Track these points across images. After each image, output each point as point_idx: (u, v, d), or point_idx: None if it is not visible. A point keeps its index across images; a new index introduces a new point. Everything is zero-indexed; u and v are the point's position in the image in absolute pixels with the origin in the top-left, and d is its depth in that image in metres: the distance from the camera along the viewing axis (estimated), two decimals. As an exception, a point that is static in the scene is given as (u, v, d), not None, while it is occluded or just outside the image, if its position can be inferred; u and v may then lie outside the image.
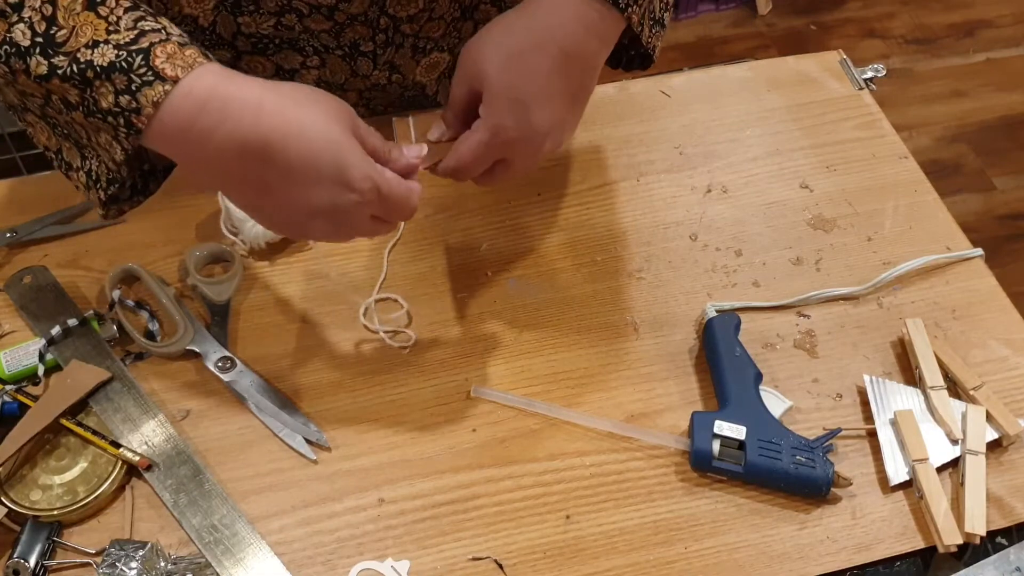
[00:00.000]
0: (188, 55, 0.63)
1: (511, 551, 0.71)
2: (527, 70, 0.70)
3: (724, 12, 2.68)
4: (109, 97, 0.62)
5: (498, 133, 0.71)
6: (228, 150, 0.62)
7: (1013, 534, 0.73)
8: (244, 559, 0.70)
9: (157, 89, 0.61)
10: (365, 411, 0.78)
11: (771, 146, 0.98)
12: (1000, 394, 0.78)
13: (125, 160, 0.65)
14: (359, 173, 0.63)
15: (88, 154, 0.69)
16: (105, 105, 0.62)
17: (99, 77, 0.62)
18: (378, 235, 0.71)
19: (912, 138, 2.34)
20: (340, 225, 0.66)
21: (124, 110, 0.62)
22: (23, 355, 0.79)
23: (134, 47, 0.62)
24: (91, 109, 0.63)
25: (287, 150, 0.62)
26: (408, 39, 0.89)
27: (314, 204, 0.64)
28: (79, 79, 0.62)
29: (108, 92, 0.62)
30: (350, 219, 0.66)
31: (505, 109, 0.70)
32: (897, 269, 0.86)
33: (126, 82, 0.61)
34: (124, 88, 0.61)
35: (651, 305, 0.85)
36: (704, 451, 0.74)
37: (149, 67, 0.61)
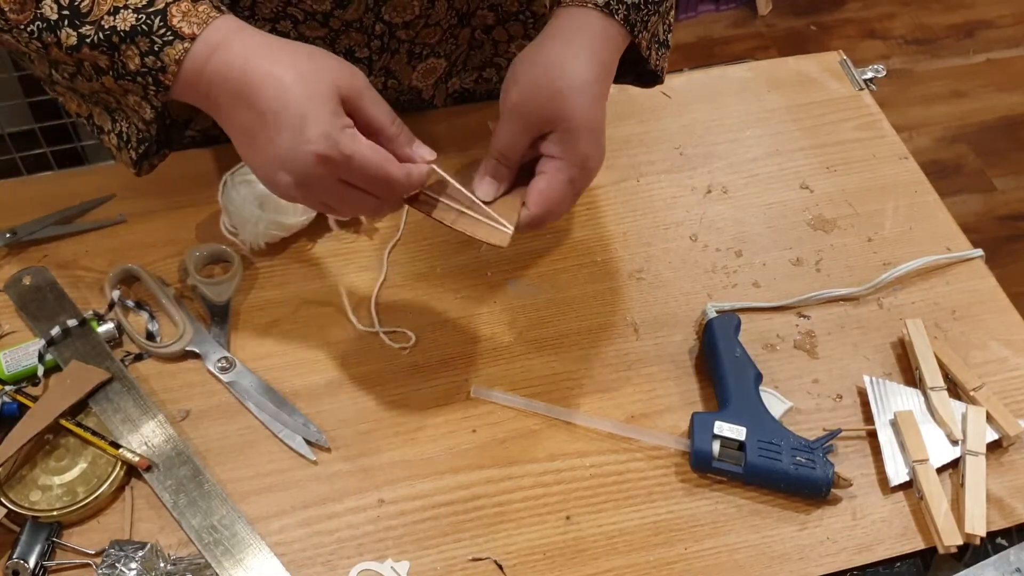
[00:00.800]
0: (201, 11, 0.66)
1: (511, 552, 0.71)
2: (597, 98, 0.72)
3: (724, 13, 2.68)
4: (136, 60, 0.66)
5: (586, 167, 0.71)
6: (225, 91, 0.66)
7: (1013, 535, 0.73)
8: (244, 560, 0.70)
9: (177, 48, 0.65)
10: (365, 412, 0.78)
11: (771, 147, 0.98)
12: (1000, 395, 0.78)
13: (154, 118, 0.70)
14: (320, 128, 0.63)
15: (118, 116, 0.73)
16: (133, 67, 0.67)
17: (124, 41, 0.66)
18: (365, 213, 0.70)
19: (912, 139, 2.34)
20: (304, 183, 0.65)
21: (151, 70, 0.66)
22: (23, 356, 0.79)
23: (151, 9, 0.66)
24: (120, 72, 0.67)
25: (263, 93, 0.64)
26: (404, 45, 0.89)
27: (278, 153, 0.64)
28: (107, 45, 0.66)
29: (134, 55, 0.66)
30: (312, 178, 0.65)
31: (588, 142, 0.71)
32: (897, 270, 0.86)
33: (149, 44, 0.66)
34: (148, 50, 0.66)
35: (651, 306, 0.85)
36: (704, 452, 0.74)
37: (167, 27, 0.66)
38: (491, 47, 0.96)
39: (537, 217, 0.71)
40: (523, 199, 0.72)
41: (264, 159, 0.66)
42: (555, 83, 0.70)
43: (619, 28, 0.74)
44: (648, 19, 0.76)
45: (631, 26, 0.74)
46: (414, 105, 0.97)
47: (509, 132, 0.72)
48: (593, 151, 0.72)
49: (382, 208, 0.69)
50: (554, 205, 0.71)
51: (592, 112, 0.71)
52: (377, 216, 0.71)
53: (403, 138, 0.68)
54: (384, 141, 0.67)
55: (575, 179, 0.71)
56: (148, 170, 0.75)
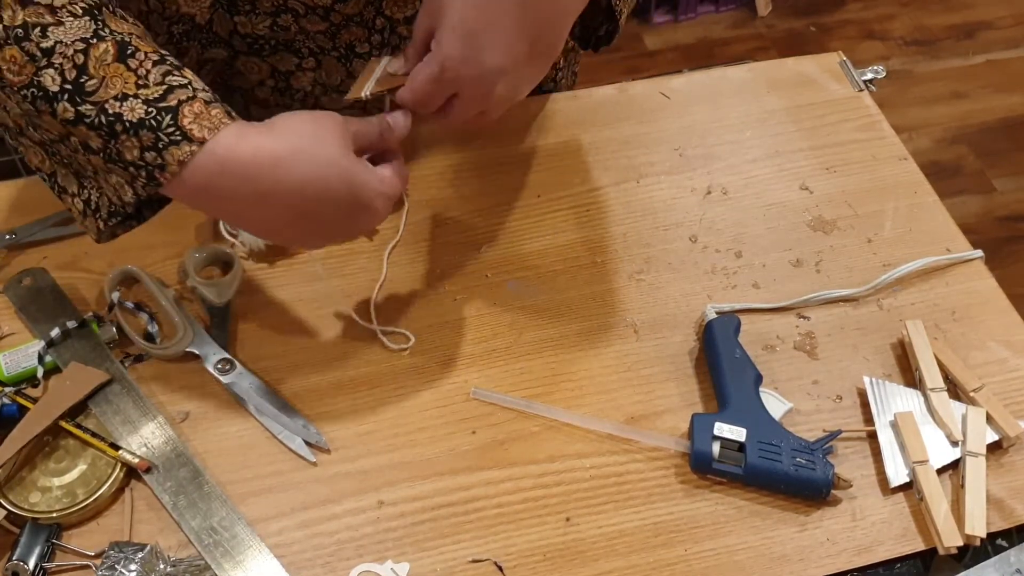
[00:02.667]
0: (215, 115, 0.64)
1: (511, 553, 0.71)
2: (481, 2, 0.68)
3: (724, 13, 2.68)
4: (134, 151, 0.64)
5: (448, 67, 0.69)
6: (251, 203, 0.66)
7: (1013, 536, 0.73)
8: (243, 561, 0.70)
9: (184, 149, 0.63)
10: (365, 413, 0.78)
11: (771, 148, 0.98)
12: (1000, 396, 0.78)
13: (133, 201, 0.67)
14: (373, 194, 0.68)
15: (88, 184, 0.70)
16: (129, 158, 0.64)
17: (127, 132, 0.63)
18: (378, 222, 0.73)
19: (912, 140, 2.34)
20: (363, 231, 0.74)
21: (148, 165, 0.64)
22: (22, 357, 0.79)
23: (162, 104, 0.64)
24: (113, 158, 0.65)
25: (307, 195, 0.65)
26: (404, 40, 0.89)
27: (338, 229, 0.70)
28: (106, 130, 0.64)
29: (134, 147, 0.64)
30: (370, 226, 0.72)
31: (456, 41, 0.68)
32: (897, 271, 0.86)
33: (153, 139, 0.63)
34: (151, 145, 0.63)
35: (651, 307, 0.85)
36: (704, 453, 0.74)
37: (177, 126, 0.63)
38: None
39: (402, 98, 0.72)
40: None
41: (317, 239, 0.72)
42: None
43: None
44: None
45: None
46: None
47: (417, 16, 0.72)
48: (458, 55, 0.68)
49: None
50: (417, 93, 0.71)
51: (468, 13, 0.68)
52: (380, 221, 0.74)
53: (386, 135, 0.72)
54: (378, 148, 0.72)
55: (436, 77, 0.70)
56: (108, 238, 0.73)
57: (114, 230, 0.73)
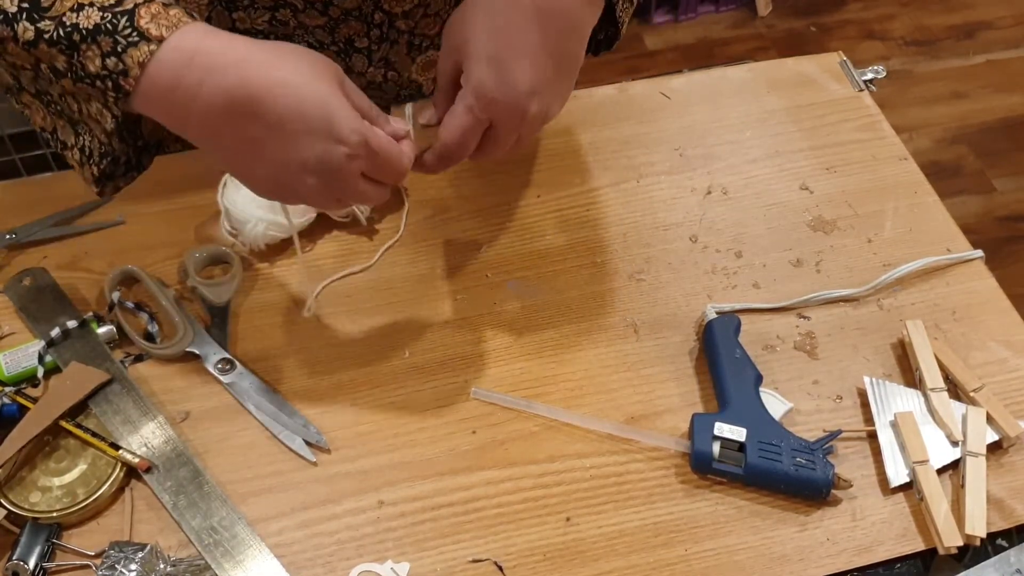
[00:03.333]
0: (172, 15, 0.63)
1: (511, 553, 0.71)
2: (500, 27, 0.68)
3: (724, 13, 2.68)
4: (96, 61, 0.62)
5: (481, 94, 0.68)
6: (215, 105, 0.62)
7: (1013, 536, 0.73)
8: (243, 561, 0.70)
9: (143, 49, 0.61)
10: (365, 413, 0.78)
11: (771, 148, 0.98)
12: (1000, 396, 0.78)
13: (115, 129, 0.66)
14: (348, 125, 0.63)
15: (81, 130, 0.69)
16: (92, 69, 0.63)
17: (85, 40, 0.62)
18: (368, 201, 0.70)
19: (912, 140, 2.34)
20: (331, 183, 0.65)
21: (112, 72, 0.62)
22: (22, 357, 0.79)
23: (118, 8, 0.62)
24: (79, 74, 0.63)
25: (274, 102, 0.62)
26: (403, 35, 0.89)
27: (303, 158, 0.63)
28: (66, 43, 0.62)
29: (95, 56, 0.62)
30: (340, 176, 0.65)
31: (485, 69, 0.68)
32: (897, 271, 0.86)
33: (112, 44, 0.62)
34: (110, 50, 0.62)
35: (651, 307, 0.85)
36: (704, 453, 0.73)
37: (134, 28, 0.62)
38: None
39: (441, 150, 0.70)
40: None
41: (280, 167, 0.65)
42: (463, 11, 0.70)
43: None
44: None
45: None
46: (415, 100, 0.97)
47: (440, 57, 0.72)
48: (490, 82, 0.68)
49: (385, 192, 0.69)
50: (453, 136, 0.69)
51: (490, 40, 0.68)
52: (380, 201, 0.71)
53: (381, 118, 0.68)
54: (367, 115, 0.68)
55: (472, 107, 0.69)
56: (112, 192, 0.72)
57: (116, 183, 0.72)
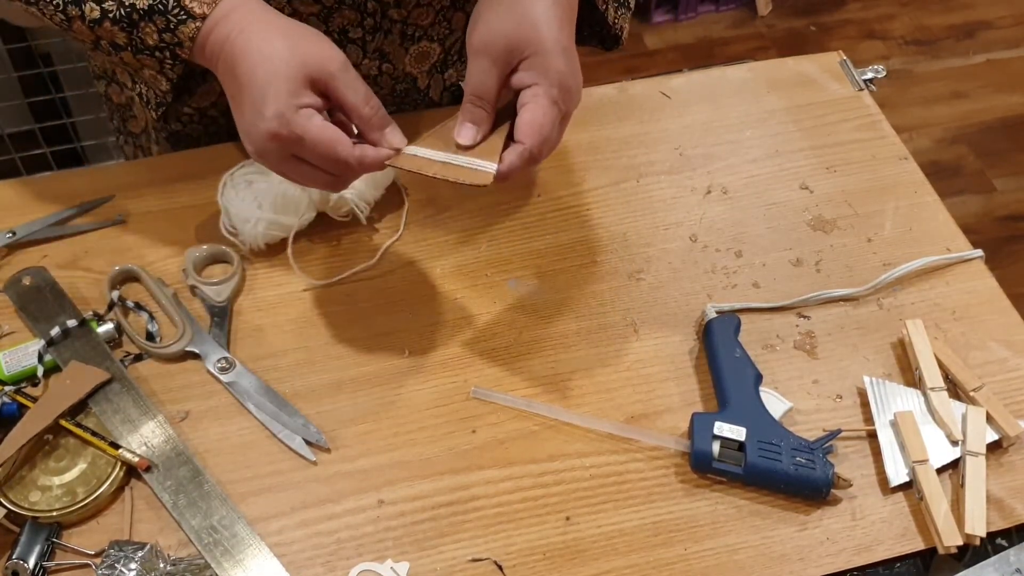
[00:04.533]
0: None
1: (511, 552, 0.71)
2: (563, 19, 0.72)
3: (724, 13, 2.68)
4: (154, 36, 0.74)
5: (564, 87, 0.70)
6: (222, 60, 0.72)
7: (1013, 535, 0.73)
8: (243, 560, 0.70)
9: (190, 26, 0.73)
10: (364, 412, 0.78)
11: (771, 147, 0.98)
12: (1000, 395, 0.78)
13: (170, 88, 0.79)
14: (272, 107, 0.68)
15: (138, 79, 0.81)
16: (152, 43, 0.75)
17: (143, 19, 0.74)
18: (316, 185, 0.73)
19: (912, 139, 2.34)
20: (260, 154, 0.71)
21: (169, 44, 0.74)
22: (22, 356, 0.79)
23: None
24: (139, 47, 0.75)
25: (241, 68, 0.70)
26: (396, 25, 0.90)
27: (243, 124, 0.71)
28: (127, 21, 0.74)
29: (153, 31, 0.74)
30: (265, 150, 0.70)
31: (562, 61, 0.70)
32: (897, 270, 0.86)
33: (165, 22, 0.73)
34: (164, 27, 0.73)
35: (651, 306, 0.85)
36: (704, 452, 0.74)
37: (180, 6, 0.73)
38: None
39: (533, 148, 0.70)
40: (504, 136, 0.71)
41: (244, 124, 0.71)
42: (514, 12, 0.71)
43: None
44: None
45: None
46: (411, 97, 0.98)
47: (479, 70, 0.71)
48: (568, 69, 0.71)
49: (337, 183, 0.73)
50: (546, 131, 0.70)
51: (559, 34, 0.71)
52: (335, 190, 0.76)
53: (375, 121, 0.71)
54: (357, 122, 0.71)
55: (557, 100, 0.70)
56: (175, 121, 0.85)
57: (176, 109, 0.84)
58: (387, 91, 0.96)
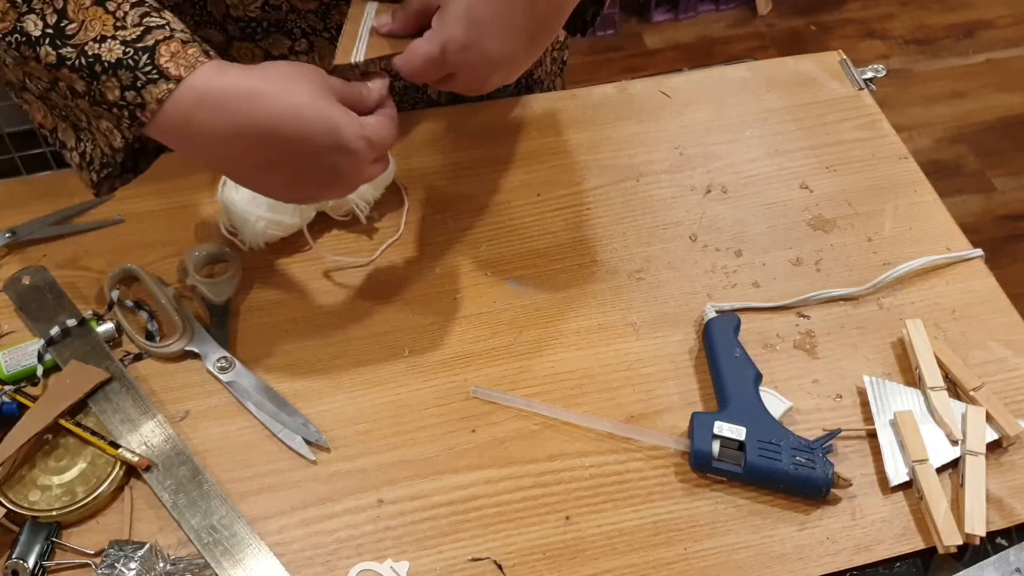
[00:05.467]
0: (191, 53, 0.66)
1: (511, 552, 0.71)
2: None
3: (724, 12, 2.68)
4: (115, 91, 0.66)
5: (449, 51, 0.69)
6: (227, 137, 0.66)
7: (1013, 535, 0.73)
8: (243, 560, 0.70)
9: (161, 87, 0.65)
10: (364, 412, 0.78)
11: (771, 147, 0.98)
12: (1000, 395, 0.78)
13: (123, 147, 0.69)
14: (352, 135, 0.67)
15: (84, 136, 0.72)
16: (111, 98, 0.66)
17: (106, 72, 0.65)
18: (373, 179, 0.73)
19: (912, 139, 2.34)
20: (346, 183, 0.70)
21: (129, 104, 0.66)
22: (22, 355, 0.79)
23: (139, 44, 0.66)
24: (97, 100, 0.67)
25: (284, 131, 0.66)
26: None
27: (316, 172, 0.68)
28: (87, 72, 0.66)
29: (114, 87, 0.66)
30: (352, 175, 0.70)
31: (461, 27, 0.68)
32: (897, 270, 0.86)
33: (131, 79, 0.65)
34: (130, 84, 0.65)
35: (651, 305, 0.85)
36: (704, 452, 0.73)
37: (154, 65, 0.65)
38: None
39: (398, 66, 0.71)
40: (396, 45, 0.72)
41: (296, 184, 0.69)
42: None
43: None
44: None
45: None
46: (409, 95, 0.97)
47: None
48: (459, 37, 0.68)
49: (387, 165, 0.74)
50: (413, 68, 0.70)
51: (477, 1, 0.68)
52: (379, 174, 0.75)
53: (364, 93, 0.71)
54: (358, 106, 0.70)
55: (435, 58, 0.69)
56: (107, 192, 0.75)
57: (112, 183, 0.74)
58: None
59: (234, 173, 0.71)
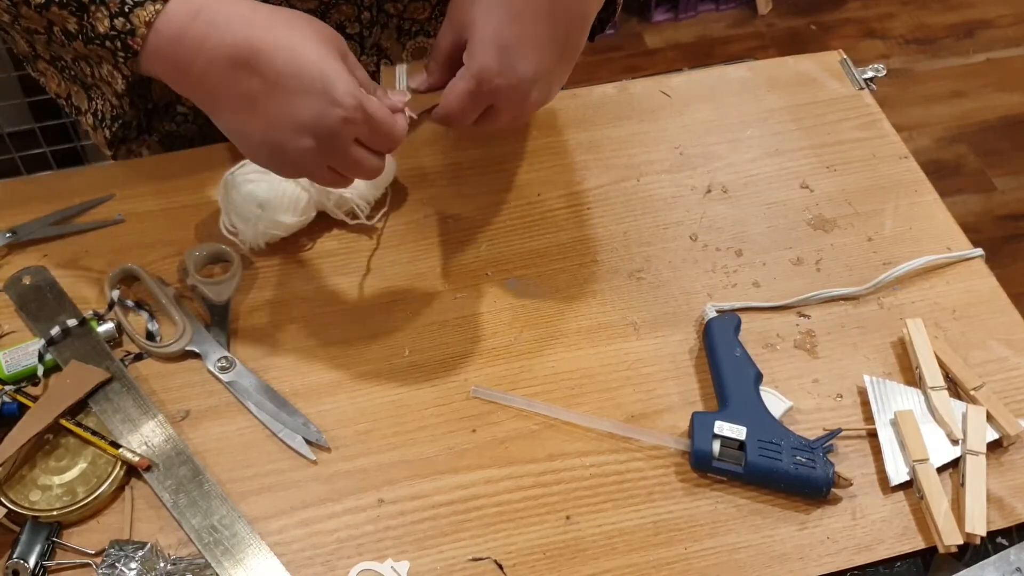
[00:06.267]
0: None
1: (511, 552, 0.71)
2: (513, 15, 0.69)
3: (724, 12, 2.68)
4: (105, 21, 0.64)
5: (484, 80, 0.69)
6: (217, 58, 0.64)
7: (1013, 534, 0.73)
8: (244, 560, 0.70)
9: (148, 9, 0.64)
10: (365, 412, 0.78)
11: (771, 146, 0.97)
12: (1000, 394, 0.78)
13: (126, 90, 0.69)
14: (344, 88, 0.64)
15: (94, 94, 0.72)
16: (102, 30, 0.65)
17: (94, 2, 0.64)
18: (362, 172, 0.70)
19: (912, 138, 2.34)
20: (324, 146, 0.66)
21: (120, 33, 0.65)
22: (22, 355, 0.79)
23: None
24: (89, 36, 0.66)
25: (275, 59, 0.63)
26: (393, 20, 0.90)
27: (299, 118, 0.64)
28: (75, 5, 0.65)
29: (103, 16, 0.64)
30: (334, 138, 0.65)
31: (491, 54, 0.69)
32: (897, 269, 0.86)
33: (119, 4, 0.64)
34: (118, 11, 0.64)
35: (651, 305, 0.85)
36: (704, 451, 0.73)
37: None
38: None
39: (438, 116, 0.72)
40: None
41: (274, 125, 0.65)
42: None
43: None
44: None
45: None
46: None
47: (441, 30, 0.72)
48: (495, 68, 0.69)
49: (380, 165, 0.70)
50: (451, 109, 0.71)
51: (501, 29, 0.69)
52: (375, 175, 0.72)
53: (380, 91, 0.70)
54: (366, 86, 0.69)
55: (473, 91, 0.70)
56: (126, 155, 0.74)
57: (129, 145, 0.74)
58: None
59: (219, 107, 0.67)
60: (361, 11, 0.88)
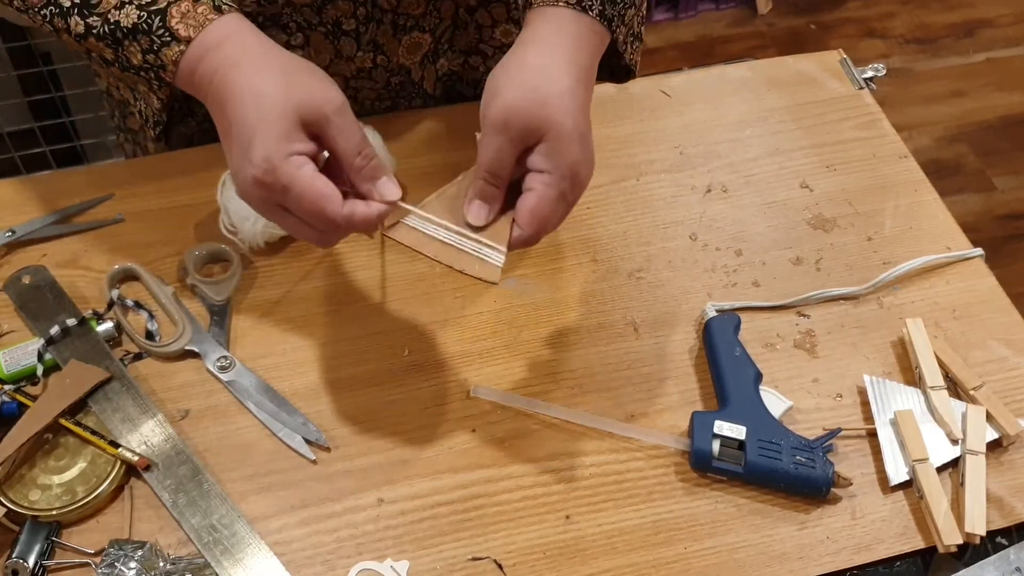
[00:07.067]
0: (200, 12, 0.69)
1: (511, 551, 0.71)
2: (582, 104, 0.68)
3: (724, 11, 2.68)
4: (138, 56, 0.71)
5: (576, 175, 0.67)
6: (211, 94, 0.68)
7: (1013, 534, 0.73)
8: (243, 559, 0.70)
9: (174, 49, 0.69)
10: (364, 411, 0.78)
11: (771, 146, 0.97)
12: (1000, 394, 0.78)
13: (162, 108, 0.77)
14: (261, 152, 0.62)
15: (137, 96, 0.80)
16: (136, 63, 0.71)
17: (127, 38, 0.70)
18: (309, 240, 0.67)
19: (912, 138, 2.34)
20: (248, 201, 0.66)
21: (152, 66, 0.71)
22: (22, 355, 0.79)
23: (153, 7, 0.70)
24: (125, 65, 0.72)
25: (231, 106, 0.66)
26: (388, 15, 0.90)
27: (232, 164, 0.66)
28: (111, 39, 0.71)
29: (136, 51, 0.71)
30: (252, 197, 0.65)
31: (577, 149, 0.67)
32: (897, 269, 0.86)
33: (149, 43, 0.70)
34: (148, 48, 0.70)
35: (651, 305, 0.85)
36: (704, 451, 0.73)
37: (166, 27, 0.69)
38: (475, 31, 0.96)
39: (529, 237, 0.68)
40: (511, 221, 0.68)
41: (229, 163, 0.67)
42: (537, 91, 0.67)
43: (596, 25, 0.72)
44: (624, 13, 0.75)
45: (608, 21, 0.73)
46: (406, 90, 0.97)
47: (494, 148, 0.67)
48: (582, 158, 0.67)
49: (324, 239, 0.67)
50: (546, 222, 0.68)
51: (577, 118, 0.67)
52: (322, 246, 0.70)
53: (367, 172, 0.66)
54: (348, 171, 0.66)
55: (566, 192, 0.67)
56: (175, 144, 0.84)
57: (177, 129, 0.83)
58: (382, 85, 0.96)
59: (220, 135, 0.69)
60: (357, 6, 0.88)
